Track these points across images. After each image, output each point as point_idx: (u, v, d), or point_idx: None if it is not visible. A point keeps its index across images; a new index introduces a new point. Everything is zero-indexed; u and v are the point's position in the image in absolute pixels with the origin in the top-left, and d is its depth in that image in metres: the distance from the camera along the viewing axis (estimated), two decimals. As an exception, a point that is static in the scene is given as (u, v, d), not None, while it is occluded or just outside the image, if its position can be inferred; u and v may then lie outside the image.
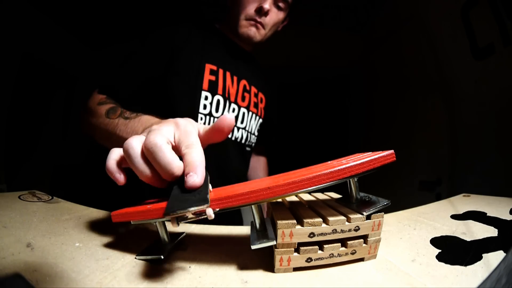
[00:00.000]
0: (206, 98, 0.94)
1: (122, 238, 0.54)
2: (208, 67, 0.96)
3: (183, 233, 0.54)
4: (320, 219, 0.39)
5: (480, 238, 0.48)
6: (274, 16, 1.04)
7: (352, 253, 0.41)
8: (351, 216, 0.40)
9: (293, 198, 0.57)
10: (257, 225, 0.44)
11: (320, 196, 0.58)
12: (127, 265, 0.43)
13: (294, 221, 0.39)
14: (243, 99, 1.06)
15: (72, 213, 0.67)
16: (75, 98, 3.15)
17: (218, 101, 0.97)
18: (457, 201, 0.74)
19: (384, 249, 0.46)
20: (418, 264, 0.42)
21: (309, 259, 0.40)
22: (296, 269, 0.40)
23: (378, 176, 0.41)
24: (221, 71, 0.99)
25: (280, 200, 0.54)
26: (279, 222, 0.38)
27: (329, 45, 3.09)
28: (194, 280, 0.39)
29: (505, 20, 1.22)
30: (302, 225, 0.39)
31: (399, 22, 2.26)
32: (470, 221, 0.56)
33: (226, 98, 0.99)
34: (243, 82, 1.07)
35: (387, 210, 0.44)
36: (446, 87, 1.72)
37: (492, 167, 1.33)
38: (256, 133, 1.17)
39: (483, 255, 0.42)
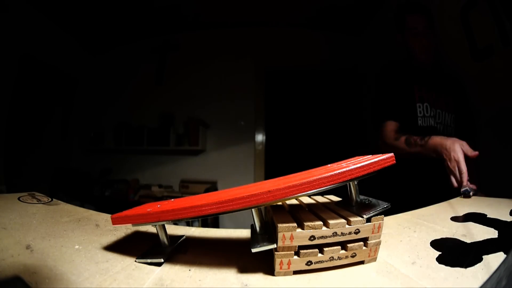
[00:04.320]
0: (419, 106, 1.35)
1: (122, 241, 0.54)
2: (415, 87, 1.38)
3: (183, 236, 0.54)
4: (321, 222, 0.39)
5: (480, 240, 0.48)
6: None
7: (352, 256, 0.41)
8: (351, 219, 0.40)
9: (293, 201, 0.57)
10: (257, 228, 0.44)
11: (320, 199, 0.58)
12: (127, 267, 0.43)
13: (295, 224, 0.39)
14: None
15: (72, 216, 0.67)
16: (75, 99, 3.15)
17: (426, 106, 1.36)
18: (457, 203, 0.74)
19: (384, 252, 0.46)
20: (418, 266, 0.42)
21: (309, 262, 0.40)
22: (296, 272, 0.40)
23: (378, 178, 0.41)
24: (423, 89, 1.39)
25: (280, 203, 0.54)
26: (279, 225, 0.38)
27: (331, 47, 3.09)
28: (194, 283, 0.39)
29: (504, 21, 1.22)
30: (303, 228, 0.39)
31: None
32: (470, 223, 0.56)
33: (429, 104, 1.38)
34: (432, 93, 1.42)
35: (387, 212, 0.44)
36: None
37: (492, 169, 1.33)
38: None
39: (483, 256, 0.42)
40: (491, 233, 0.50)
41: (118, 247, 0.51)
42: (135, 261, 0.45)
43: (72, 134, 3.18)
